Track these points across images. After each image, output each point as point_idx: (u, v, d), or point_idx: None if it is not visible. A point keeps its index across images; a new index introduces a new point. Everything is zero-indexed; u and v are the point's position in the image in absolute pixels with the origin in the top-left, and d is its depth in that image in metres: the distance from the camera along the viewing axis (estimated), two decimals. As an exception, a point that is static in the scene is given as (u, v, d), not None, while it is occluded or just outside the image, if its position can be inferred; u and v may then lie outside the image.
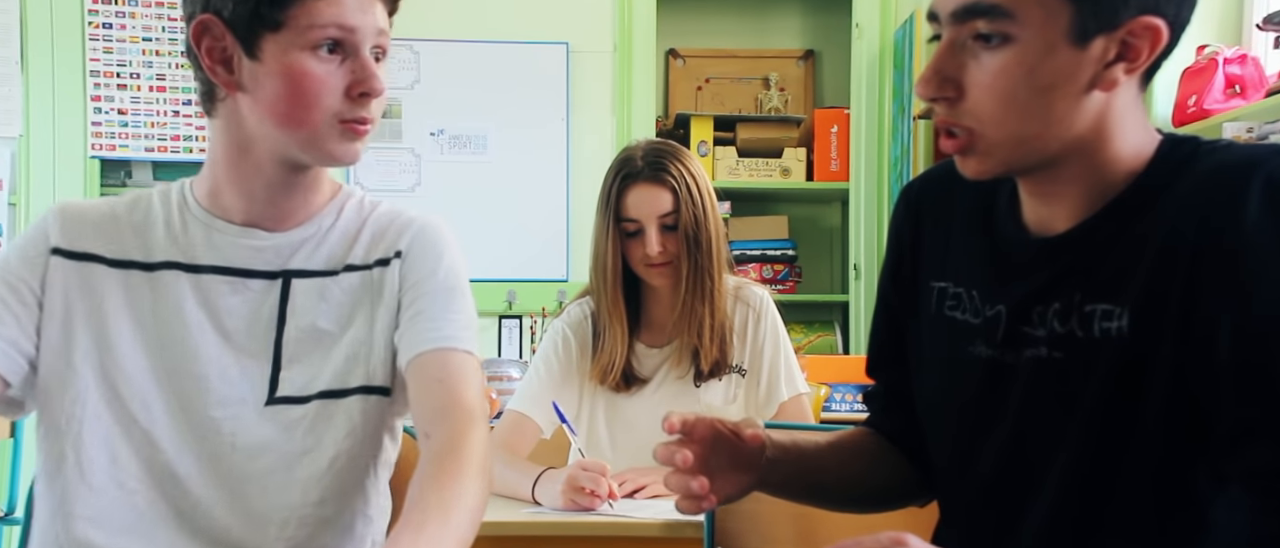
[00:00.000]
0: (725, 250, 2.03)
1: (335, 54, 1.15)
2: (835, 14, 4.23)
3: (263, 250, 1.24)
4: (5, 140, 3.70)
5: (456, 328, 1.23)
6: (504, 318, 3.91)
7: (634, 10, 3.94)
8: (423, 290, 1.24)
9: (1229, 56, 2.71)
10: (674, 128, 4.16)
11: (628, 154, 2.00)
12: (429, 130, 3.89)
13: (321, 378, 1.23)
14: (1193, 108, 2.76)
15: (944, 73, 0.98)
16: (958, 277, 1.13)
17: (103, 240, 1.24)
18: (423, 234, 1.27)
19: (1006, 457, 1.07)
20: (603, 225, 1.99)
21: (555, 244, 3.91)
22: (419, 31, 3.86)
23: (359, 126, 1.18)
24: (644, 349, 2.06)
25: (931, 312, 1.15)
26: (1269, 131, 2.53)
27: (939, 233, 1.17)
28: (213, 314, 1.23)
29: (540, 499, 1.79)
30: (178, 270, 1.24)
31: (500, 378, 2.97)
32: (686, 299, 1.97)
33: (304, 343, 1.23)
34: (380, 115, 1.21)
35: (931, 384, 1.17)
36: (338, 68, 1.16)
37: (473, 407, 1.19)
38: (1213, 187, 0.94)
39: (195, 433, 1.21)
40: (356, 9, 1.15)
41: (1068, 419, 1.01)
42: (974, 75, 0.97)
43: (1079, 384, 1.00)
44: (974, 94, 0.98)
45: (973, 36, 0.97)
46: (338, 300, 1.25)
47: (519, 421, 2.00)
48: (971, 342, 1.09)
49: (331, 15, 1.13)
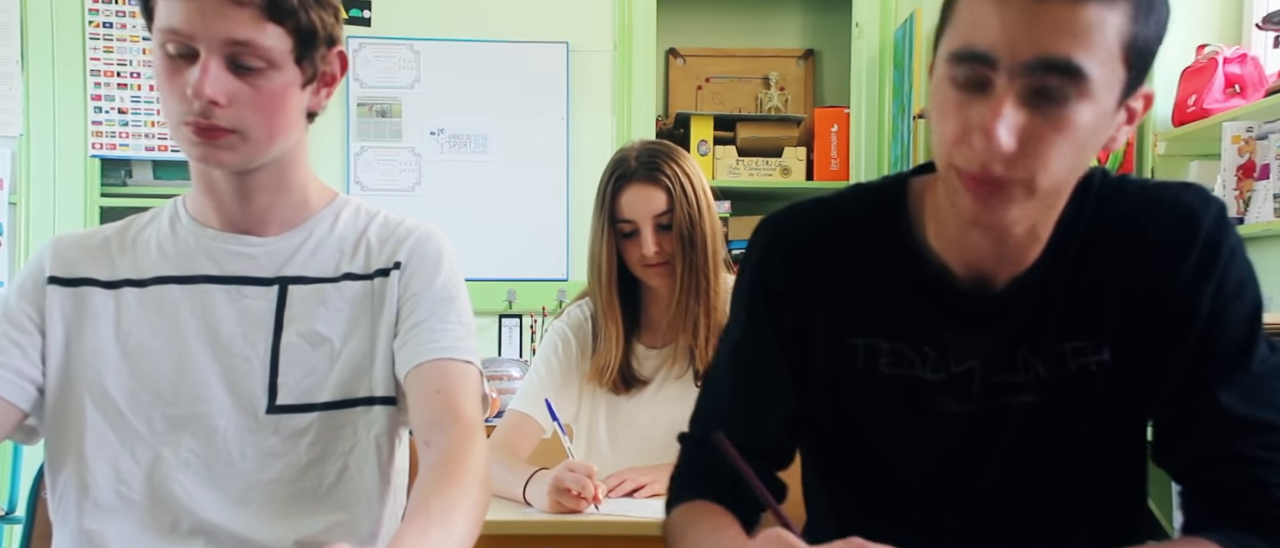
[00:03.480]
0: (722, 249, 2.03)
1: (186, 59, 1.13)
2: (835, 13, 4.24)
3: (256, 257, 1.25)
4: (5, 139, 3.71)
5: (454, 338, 1.24)
6: (504, 317, 3.91)
7: (634, 10, 3.94)
8: (421, 301, 1.25)
9: (1229, 56, 2.71)
10: (674, 127, 4.16)
11: (622, 155, 2.00)
12: (429, 129, 3.89)
13: (325, 389, 1.23)
14: (1193, 107, 2.76)
15: (1020, 130, 0.92)
16: (890, 332, 1.09)
17: (96, 265, 1.26)
18: (421, 245, 1.28)
19: (998, 497, 1.10)
20: (598, 226, 1.99)
21: (555, 243, 3.92)
22: (419, 31, 3.87)
23: (198, 130, 1.14)
24: (643, 350, 2.06)
25: (857, 371, 1.10)
26: (1269, 131, 2.54)
27: (841, 285, 1.10)
28: (209, 323, 1.23)
29: (530, 500, 1.79)
30: (171, 284, 1.24)
31: (500, 377, 2.97)
32: (682, 299, 1.97)
33: (301, 348, 1.23)
34: (259, 129, 1.17)
35: (886, 444, 1.12)
36: (187, 70, 1.13)
37: (471, 418, 1.20)
38: (1169, 227, 1.03)
39: (200, 443, 1.21)
40: (195, 16, 1.11)
41: (1064, 451, 1.08)
42: (1038, 129, 0.92)
43: (1073, 419, 1.06)
44: (1033, 148, 0.92)
45: (1034, 90, 0.91)
46: (338, 308, 1.25)
47: (521, 420, 2.01)
48: (934, 398, 1.08)
49: (167, 19, 1.13)
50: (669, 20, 4.16)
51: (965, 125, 0.93)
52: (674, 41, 4.36)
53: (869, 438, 1.13)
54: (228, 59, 1.13)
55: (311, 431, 1.23)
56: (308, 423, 1.23)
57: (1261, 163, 2.55)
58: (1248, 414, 1.01)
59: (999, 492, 1.10)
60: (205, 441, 1.21)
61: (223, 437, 1.21)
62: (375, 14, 3.87)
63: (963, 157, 0.94)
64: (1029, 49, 0.90)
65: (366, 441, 1.24)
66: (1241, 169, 2.60)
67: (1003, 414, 1.07)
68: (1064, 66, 0.90)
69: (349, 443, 1.24)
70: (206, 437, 1.21)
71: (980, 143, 0.92)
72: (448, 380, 1.21)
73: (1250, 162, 2.58)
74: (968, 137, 0.93)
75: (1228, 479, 1.01)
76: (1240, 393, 1.01)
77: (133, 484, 1.21)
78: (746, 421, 1.15)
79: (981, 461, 1.09)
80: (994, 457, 1.09)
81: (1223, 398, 1.01)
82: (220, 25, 1.11)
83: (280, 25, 1.13)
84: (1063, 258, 1.04)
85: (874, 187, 1.14)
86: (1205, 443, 1.02)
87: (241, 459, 1.22)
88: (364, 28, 3.86)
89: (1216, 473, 1.02)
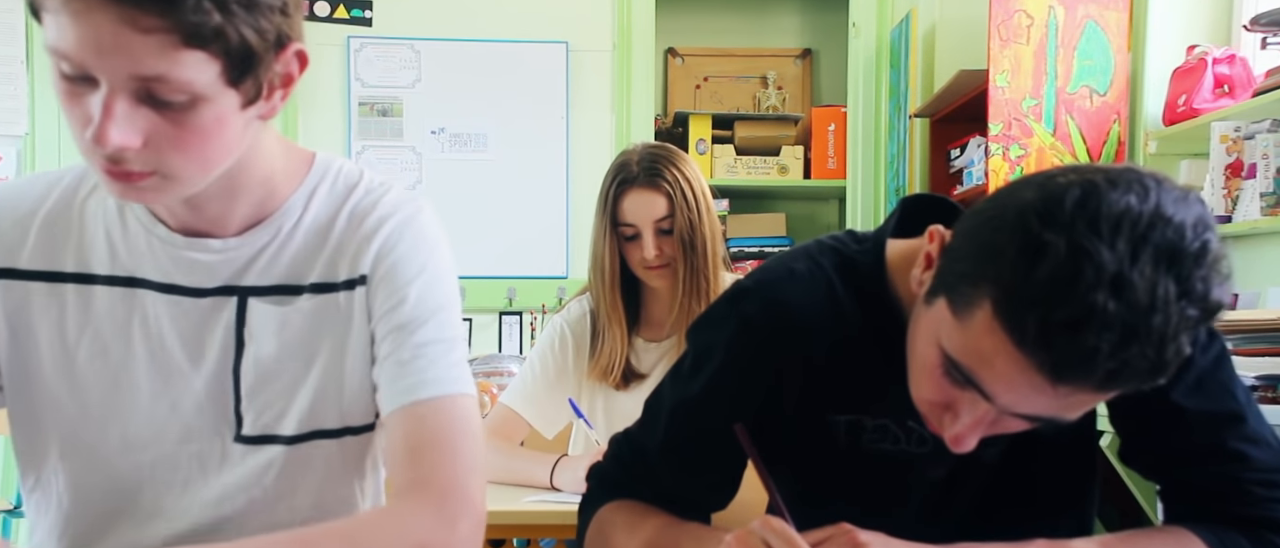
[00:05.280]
0: (721, 250, 2.07)
1: (87, 82, 0.87)
2: (832, 13, 4.26)
3: (212, 265, 1.06)
4: (11, 138, 3.74)
5: (426, 372, 1.04)
6: (504, 314, 3.94)
7: (633, 10, 3.97)
8: (391, 325, 1.05)
9: (1218, 56, 2.75)
10: (672, 126, 4.19)
11: (624, 159, 2.05)
12: (430, 128, 3.92)
13: (288, 420, 1.08)
14: (1183, 107, 2.80)
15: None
16: (874, 410, 1.10)
17: (34, 246, 1.07)
18: (388, 249, 1.07)
19: (970, 516, 1.14)
20: (601, 229, 2.04)
21: (555, 241, 3.95)
22: (420, 31, 3.89)
23: (110, 173, 0.91)
24: (643, 344, 2.10)
25: (840, 446, 1.11)
26: (1256, 130, 2.57)
27: (826, 362, 1.09)
28: (162, 341, 1.06)
29: (560, 484, 1.85)
30: (121, 286, 1.07)
31: (499, 373, 3.01)
32: (683, 300, 2.02)
33: (264, 373, 1.07)
34: (188, 168, 0.93)
35: (858, 501, 1.10)
36: (87, 96, 0.88)
37: (442, 484, 1.00)
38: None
39: (166, 467, 1.08)
40: (87, 45, 0.84)
41: (1026, 471, 1.12)
42: None
43: (1033, 445, 1.10)
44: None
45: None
46: (298, 328, 1.07)
47: (508, 416, 2.07)
48: (919, 467, 1.11)
49: (55, 39, 0.86)
50: (668, 20, 4.18)
51: (941, 411, 0.96)
52: (673, 41, 4.39)
53: (842, 493, 1.12)
54: (137, 93, 0.87)
55: (276, 465, 1.08)
56: (274, 455, 1.08)
57: (1249, 162, 2.59)
58: (1204, 408, 1.04)
59: (970, 514, 1.14)
60: (171, 465, 1.08)
61: (188, 464, 1.08)
62: (376, 14, 3.89)
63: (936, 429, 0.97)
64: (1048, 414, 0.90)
65: (341, 469, 1.11)
66: (1229, 168, 2.64)
67: (977, 462, 1.09)
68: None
69: (320, 475, 1.10)
70: (172, 463, 1.08)
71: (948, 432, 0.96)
72: (421, 434, 1.02)
73: (1238, 161, 2.62)
74: (939, 415, 0.96)
75: (1204, 479, 1.04)
76: (1191, 389, 1.04)
77: (99, 506, 1.09)
78: (674, 471, 1.15)
79: (953, 499, 1.13)
80: (965, 494, 1.13)
81: (1176, 398, 1.04)
82: (120, 60, 0.85)
83: (202, 50, 0.86)
84: None
85: (853, 255, 1.11)
86: (1170, 443, 1.06)
87: (206, 486, 1.08)
88: (365, 27, 3.90)
89: (1189, 471, 1.05)
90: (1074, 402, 0.86)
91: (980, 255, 0.87)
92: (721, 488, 1.17)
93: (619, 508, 1.14)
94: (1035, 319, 0.81)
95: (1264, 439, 1.05)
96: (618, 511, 1.14)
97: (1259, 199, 2.53)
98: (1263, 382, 1.76)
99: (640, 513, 1.13)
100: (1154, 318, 0.79)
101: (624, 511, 1.13)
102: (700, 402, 1.12)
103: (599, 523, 1.15)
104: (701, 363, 1.14)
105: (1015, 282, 0.82)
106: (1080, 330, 0.79)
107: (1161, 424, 1.05)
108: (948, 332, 0.90)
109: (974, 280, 0.86)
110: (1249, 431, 1.05)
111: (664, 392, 1.18)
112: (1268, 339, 1.85)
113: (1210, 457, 1.04)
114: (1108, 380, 0.82)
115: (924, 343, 0.94)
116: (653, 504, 1.14)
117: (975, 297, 0.86)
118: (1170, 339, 0.80)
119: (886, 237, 1.11)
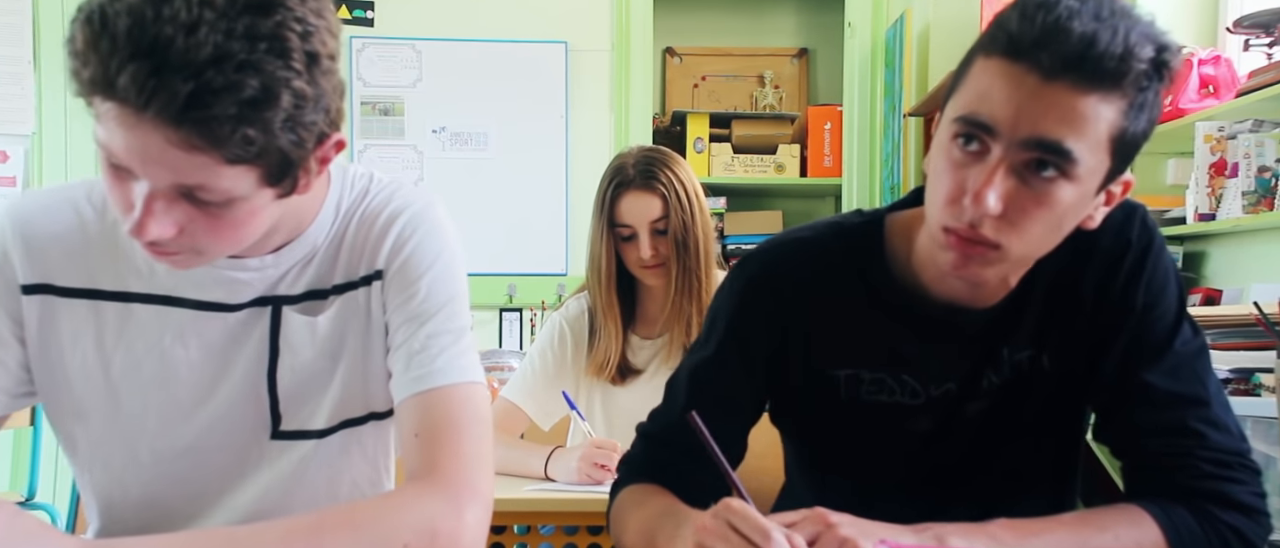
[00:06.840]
0: (714, 249, 2.14)
1: (129, 173, 0.93)
2: (829, 13, 4.30)
3: (249, 282, 1.10)
4: (19, 138, 3.78)
5: (435, 361, 1.08)
6: (504, 311, 3.98)
7: (631, 10, 4.00)
8: (403, 316, 1.11)
9: (1203, 57, 2.80)
10: (670, 125, 4.23)
11: (620, 162, 2.11)
12: (431, 127, 3.96)
13: (320, 415, 1.14)
14: (1168, 107, 2.85)
15: (1007, 197, 0.99)
16: (871, 363, 1.17)
17: (72, 266, 1.11)
18: (399, 246, 1.12)
19: (950, 470, 1.21)
20: (597, 230, 2.10)
21: (554, 239, 3.99)
22: (421, 31, 3.93)
23: (146, 245, 0.96)
24: (638, 341, 2.16)
25: (840, 398, 1.19)
26: (1238, 130, 2.63)
27: (823, 320, 1.18)
28: (196, 354, 1.11)
29: (553, 474, 1.92)
30: (158, 305, 1.11)
31: (500, 368, 3.07)
32: (677, 298, 2.08)
33: (300, 377, 1.12)
34: (221, 247, 1.00)
35: (856, 448, 1.22)
36: (129, 183, 0.94)
37: (449, 470, 1.03)
38: (1107, 236, 1.12)
39: (204, 472, 1.13)
40: (134, 154, 0.90)
41: (1009, 433, 1.19)
42: (1022, 200, 0.99)
43: (1020, 412, 1.18)
44: (1015, 216, 0.99)
45: (1026, 164, 0.98)
46: (327, 329, 1.12)
47: (510, 410, 2.13)
48: (910, 418, 1.19)
49: (103, 138, 0.91)
50: (666, 20, 4.22)
51: (959, 187, 1.00)
52: (671, 41, 4.43)
53: (842, 442, 1.23)
54: (178, 190, 0.93)
55: (315, 455, 1.14)
56: (311, 448, 1.14)
57: (1232, 161, 2.64)
58: (1174, 390, 1.11)
59: (956, 473, 1.21)
60: (208, 470, 1.13)
61: (225, 469, 1.13)
62: (377, 14, 3.94)
63: (952, 216, 1.01)
64: (1027, 127, 0.96)
65: (371, 449, 1.18)
66: (1213, 167, 2.69)
67: (963, 419, 1.18)
68: (1056, 148, 0.96)
69: (355, 457, 1.17)
70: (209, 468, 1.13)
71: (969, 205, 0.99)
72: (430, 420, 1.06)
73: (1222, 160, 2.68)
74: (959, 198, 1.00)
75: (1161, 451, 1.11)
76: (1165, 372, 1.11)
77: (139, 508, 1.14)
78: (718, 412, 1.20)
79: (943, 450, 1.20)
80: (952, 447, 1.20)
81: (1150, 377, 1.11)
82: (164, 171, 0.90)
83: (246, 164, 0.91)
84: (1031, 286, 1.14)
85: (853, 225, 1.21)
86: (1135, 418, 1.13)
87: (244, 482, 1.13)
88: (367, 28, 3.94)
89: (1149, 444, 1.11)
90: (1063, 104, 0.96)
91: (962, 60, 1.04)
92: (733, 446, 1.23)
93: (635, 490, 1.23)
94: (1016, 13, 0.97)
95: (1225, 426, 1.11)
96: (634, 492, 1.22)
97: (1241, 197, 2.58)
98: (1236, 374, 1.83)
99: (649, 493, 1.20)
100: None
101: (638, 492, 1.22)
102: (714, 362, 1.21)
103: (619, 503, 1.23)
104: (713, 327, 1.23)
105: (995, 24, 0.99)
106: (1052, 8, 0.95)
107: (1132, 401, 1.12)
108: (951, 110, 1.02)
109: (963, 64, 1.03)
110: (1212, 415, 1.11)
111: (684, 363, 1.26)
112: (1242, 334, 1.91)
113: (1170, 432, 1.10)
114: (1084, 50, 0.94)
115: (936, 147, 1.05)
116: (666, 486, 1.21)
117: (967, 65, 1.02)
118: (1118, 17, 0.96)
119: (887, 211, 1.21)
